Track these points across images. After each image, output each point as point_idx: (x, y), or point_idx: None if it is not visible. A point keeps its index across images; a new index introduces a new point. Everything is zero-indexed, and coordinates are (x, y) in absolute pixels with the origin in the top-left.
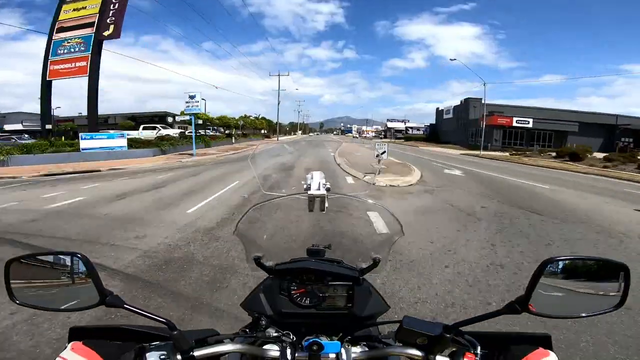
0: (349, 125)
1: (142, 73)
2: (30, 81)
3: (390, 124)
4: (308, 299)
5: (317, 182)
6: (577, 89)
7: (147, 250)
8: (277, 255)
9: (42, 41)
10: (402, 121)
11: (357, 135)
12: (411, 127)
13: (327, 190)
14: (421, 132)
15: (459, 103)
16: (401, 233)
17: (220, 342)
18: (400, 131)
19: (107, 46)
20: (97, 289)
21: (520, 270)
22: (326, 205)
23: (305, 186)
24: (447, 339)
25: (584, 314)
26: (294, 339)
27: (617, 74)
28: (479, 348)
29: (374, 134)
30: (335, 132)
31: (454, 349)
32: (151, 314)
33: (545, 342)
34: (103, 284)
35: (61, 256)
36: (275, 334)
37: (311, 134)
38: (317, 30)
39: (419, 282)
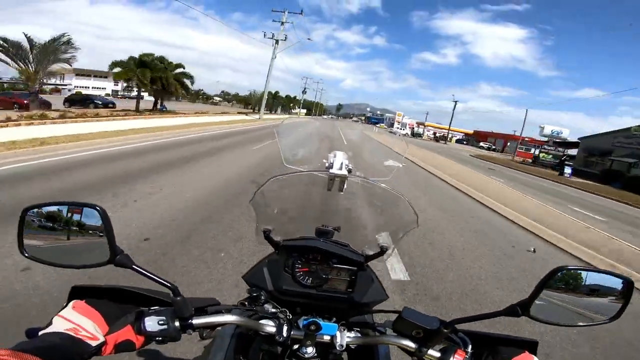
0: (378, 113)
1: (165, 38)
2: None
3: None
4: (310, 279)
5: (339, 162)
6: (617, 107)
7: None
8: (286, 231)
9: None
10: None
11: (403, 133)
12: None
13: (349, 171)
14: None
15: None
16: (416, 224)
17: (219, 312)
18: None
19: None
20: (109, 246)
21: None
22: (345, 186)
23: (327, 164)
24: (442, 335)
25: (581, 323)
26: (290, 316)
27: None
28: (469, 347)
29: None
30: (355, 119)
31: (445, 345)
32: (158, 277)
33: (531, 347)
34: (116, 242)
35: (80, 207)
36: (273, 310)
37: (324, 116)
38: (349, 12)
39: None
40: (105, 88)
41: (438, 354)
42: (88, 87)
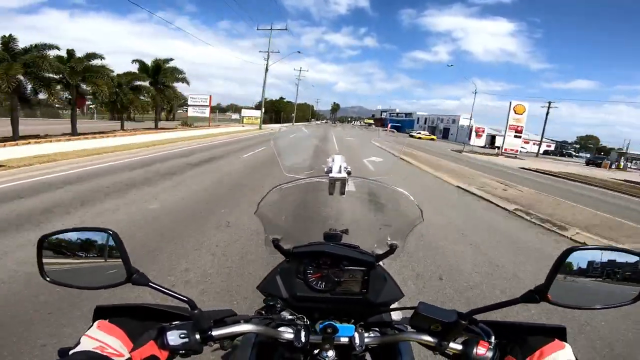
0: (397, 112)
1: (152, 50)
2: None
3: None
4: (323, 283)
5: (338, 165)
6: (610, 96)
7: None
8: (294, 238)
9: None
10: None
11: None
12: None
13: (348, 173)
14: None
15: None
16: (421, 219)
17: (237, 322)
18: None
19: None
20: (125, 267)
21: None
22: (347, 188)
23: (326, 169)
24: (461, 327)
25: (600, 306)
26: (308, 322)
27: None
28: (492, 337)
29: None
30: (361, 123)
31: (467, 337)
32: (174, 292)
33: (560, 333)
34: (131, 262)
35: (93, 232)
36: (289, 317)
37: (317, 121)
38: (338, 13)
39: None
40: None
41: (460, 347)
42: None
